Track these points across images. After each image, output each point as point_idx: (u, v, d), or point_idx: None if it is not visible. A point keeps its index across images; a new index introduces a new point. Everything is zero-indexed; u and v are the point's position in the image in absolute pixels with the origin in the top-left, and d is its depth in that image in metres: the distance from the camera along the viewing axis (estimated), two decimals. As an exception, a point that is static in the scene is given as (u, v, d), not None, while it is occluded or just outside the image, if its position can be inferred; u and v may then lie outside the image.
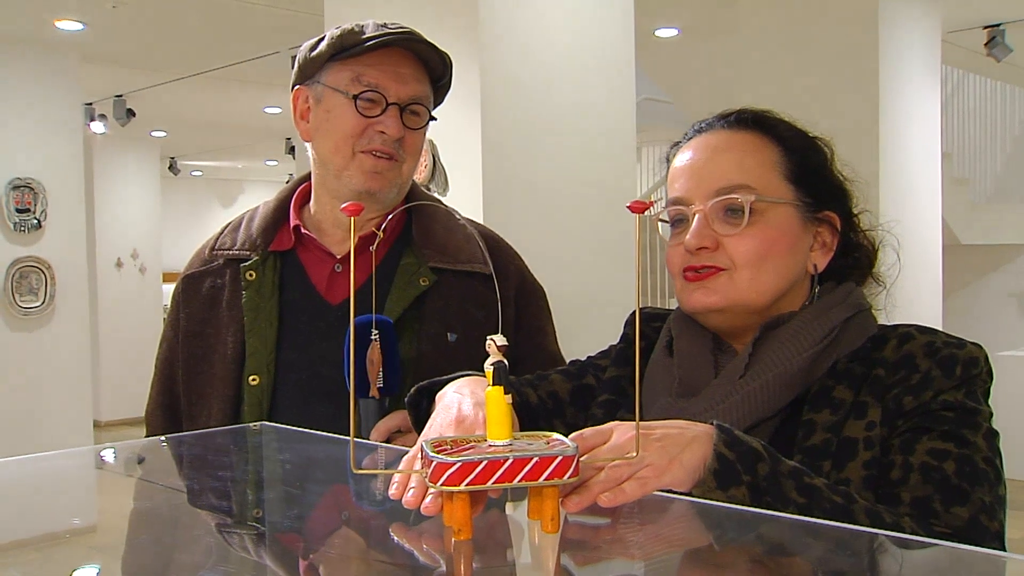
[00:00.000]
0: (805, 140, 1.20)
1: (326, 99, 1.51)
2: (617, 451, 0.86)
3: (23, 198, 5.89)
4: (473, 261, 1.56)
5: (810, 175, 1.17)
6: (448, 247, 1.57)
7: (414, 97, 1.50)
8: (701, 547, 0.87)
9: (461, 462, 0.74)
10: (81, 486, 1.13)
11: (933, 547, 0.84)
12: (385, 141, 1.48)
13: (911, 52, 4.95)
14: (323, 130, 1.51)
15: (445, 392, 1.11)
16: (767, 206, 1.13)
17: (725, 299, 1.13)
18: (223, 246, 1.61)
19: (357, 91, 1.47)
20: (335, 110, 1.49)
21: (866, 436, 1.04)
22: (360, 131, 1.48)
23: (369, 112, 1.47)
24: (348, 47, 1.48)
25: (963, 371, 1.06)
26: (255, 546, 0.85)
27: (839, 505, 0.93)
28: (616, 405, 1.23)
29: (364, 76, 1.47)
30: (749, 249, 1.12)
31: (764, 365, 1.10)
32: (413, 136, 1.51)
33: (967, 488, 0.99)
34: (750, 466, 0.91)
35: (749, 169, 1.14)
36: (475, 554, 0.76)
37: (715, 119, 1.21)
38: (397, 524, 0.88)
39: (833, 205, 1.19)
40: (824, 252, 1.18)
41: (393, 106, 1.48)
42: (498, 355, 0.79)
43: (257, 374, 1.48)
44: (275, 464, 1.16)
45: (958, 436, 1.02)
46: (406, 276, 1.53)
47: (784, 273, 1.14)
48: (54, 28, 5.73)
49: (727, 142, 1.17)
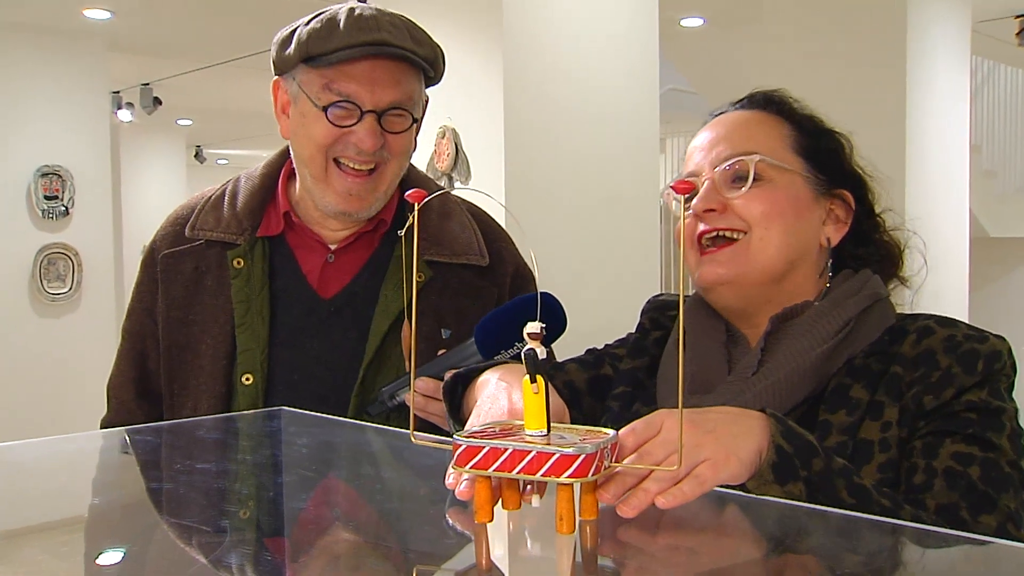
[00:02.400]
0: (817, 124, 1.20)
1: (300, 102, 1.42)
2: (667, 446, 0.81)
3: (51, 185, 5.95)
4: (469, 253, 1.49)
5: (821, 154, 1.16)
6: (443, 238, 1.49)
7: (393, 102, 1.39)
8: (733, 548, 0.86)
9: (466, 444, 0.74)
10: (105, 468, 1.14)
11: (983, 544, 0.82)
12: (360, 152, 1.39)
13: (940, 42, 4.89)
14: (299, 134, 1.43)
15: (488, 380, 1.08)
16: (774, 173, 1.13)
17: (735, 268, 1.11)
18: (204, 226, 1.50)
19: (327, 101, 1.37)
20: (308, 116, 1.40)
21: (882, 438, 1.02)
22: (332, 141, 1.39)
23: (342, 122, 1.38)
24: (315, 55, 1.37)
25: (985, 367, 1.03)
26: (273, 532, 0.86)
27: (887, 509, 0.90)
28: (632, 397, 1.21)
29: (335, 84, 1.37)
30: (756, 209, 1.11)
31: (777, 361, 1.08)
32: (396, 138, 1.41)
33: (993, 495, 0.97)
34: (807, 461, 0.88)
35: (756, 138, 1.15)
36: (484, 543, 0.76)
37: (730, 104, 1.23)
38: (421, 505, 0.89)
39: (847, 186, 1.18)
40: (838, 226, 1.16)
41: (369, 114, 1.37)
42: (532, 343, 0.75)
43: (251, 373, 1.42)
44: (296, 449, 1.17)
45: (982, 439, 0.99)
46: (400, 269, 1.46)
47: (794, 238, 1.12)
48: (82, 17, 5.77)
49: (738, 119, 1.19)
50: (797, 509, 0.85)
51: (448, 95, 3.73)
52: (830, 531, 0.83)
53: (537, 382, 0.75)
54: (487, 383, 1.07)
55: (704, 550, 0.80)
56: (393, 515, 0.90)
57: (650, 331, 1.29)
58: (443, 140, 3.70)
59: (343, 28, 1.37)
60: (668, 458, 0.80)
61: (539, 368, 0.75)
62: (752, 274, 1.12)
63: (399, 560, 0.78)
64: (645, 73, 3.95)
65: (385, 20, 1.39)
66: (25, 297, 5.91)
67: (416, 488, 0.99)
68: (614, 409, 1.21)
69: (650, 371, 1.23)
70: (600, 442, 0.75)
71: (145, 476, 1.07)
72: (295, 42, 1.39)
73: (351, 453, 1.18)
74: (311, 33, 1.38)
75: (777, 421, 0.89)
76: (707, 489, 0.81)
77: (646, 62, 3.95)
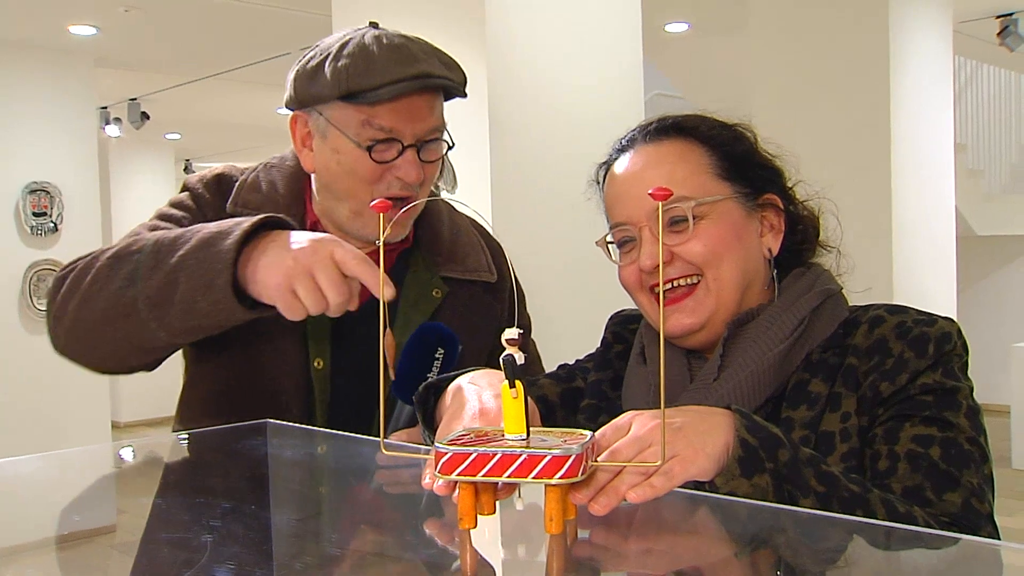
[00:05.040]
0: (728, 132, 1.19)
1: (332, 138, 1.37)
2: (638, 443, 0.84)
3: (39, 202, 5.95)
4: (480, 269, 1.49)
5: (740, 166, 1.17)
6: (456, 254, 1.49)
7: (431, 131, 1.38)
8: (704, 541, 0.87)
9: (452, 452, 0.75)
10: (100, 484, 1.14)
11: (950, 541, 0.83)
12: (404, 186, 1.36)
13: (922, 43, 4.92)
14: (333, 171, 1.38)
15: (460, 385, 1.09)
16: (708, 207, 1.13)
17: (702, 315, 1.12)
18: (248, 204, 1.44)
19: (369, 138, 1.34)
20: (345, 154, 1.36)
21: (842, 428, 1.04)
22: (377, 178, 1.36)
23: (384, 157, 1.35)
24: (356, 92, 1.33)
25: (936, 349, 1.05)
26: (258, 545, 0.86)
27: (856, 494, 0.92)
28: (597, 410, 1.23)
29: (376, 120, 1.33)
30: (702, 250, 1.12)
31: (736, 366, 1.09)
32: (431, 168, 1.40)
33: (955, 473, 0.99)
34: (772, 452, 0.90)
35: (682, 178, 1.14)
36: (468, 546, 0.76)
37: (637, 132, 1.21)
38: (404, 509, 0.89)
39: (770, 187, 1.18)
40: (775, 234, 1.18)
41: (410, 148, 1.35)
42: (510, 348, 0.76)
43: (320, 358, 1.40)
44: (281, 462, 1.18)
45: (940, 419, 1.02)
46: (417, 287, 1.45)
47: (742, 264, 1.13)
48: (68, 33, 5.78)
49: (655, 156, 1.17)
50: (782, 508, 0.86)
51: (434, 105, 3.75)
52: (802, 529, 0.84)
53: (516, 387, 0.76)
54: (457, 389, 1.08)
55: (681, 550, 0.81)
56: (376, 524, 0.91)
57: (612, 345, 1.30)
58: (430, 149, 3.71)
59: (381, 62, 1.33)
60: (641, 454, 0.83)
61: (517, 373, 0.76)
62: (717, 314, 1.13)
63: (387, 570, 0.78)
64: (630, 78, 3.97)
65: (417, 48, 1.38)
66: (15, 314, 5.90)
67: (399, 497, 0.99)
68: (580, 422, 1.22)
69: (614, 384, 1.25)
70: (584, 442, 0.77)
71: (133, 491, 1.07)
72: (330, 78, 1.34)
73: (333, 464, 1.18)
74: (348, 69, 1.33)
75: (742, 416, 0.91)
76: (676, 484, 0.83)
77: (631, 67, 3.97)
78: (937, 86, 5.05)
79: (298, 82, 1.39)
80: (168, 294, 1.24)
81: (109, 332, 1.29)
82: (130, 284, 1.27)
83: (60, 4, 5.30)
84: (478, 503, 0.77)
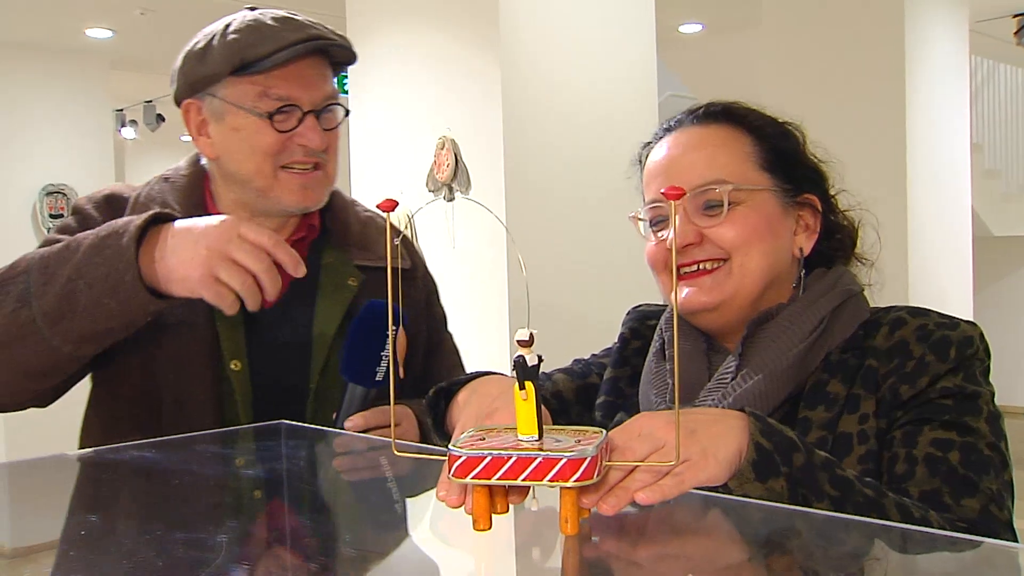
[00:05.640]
0: (776, 127, 1.19)
1: (230, 117, 1.38)
2: (651, 442, 0.83)
3: (56, 204, 5.99)
4: (394, 256, 1.50)
5: (784, 161, 1.16)
6: (367, 243, 1.51)
7: (328, 98, 1.41)
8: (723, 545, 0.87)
9: (466, 455, 0.75)
10: (105, 484, 1.15)
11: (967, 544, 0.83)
12: (307, 153, 1.39)
13: (938, 42, 4.89)
14: (236, 150, 1.39)
15: (473, 389, 1.09)
16: (745, 194, 1.12)
17: (719, 295, 1.12)
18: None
19: (269, 108, 1.36)
20: (246, 129, 1.37)
21: (860, 430, 1.03)
22: (280, 147, 1.38)
23: (285, 126, 1.37)
24: (250, 62, 1.35)
25: (958, 353, 1.04)
26: (272, 546, 0.86)
27: (871, 499, 0.91)
28: (614, 407, 1.23)
29: (273, 90, 1.36)
30: (734, 236, 1.11)
31: (755, 365, 1.08)
32: (333, 136, 1.43)
33: (974, 478, 0.98)
34: (787, 456, 0.88)
35: (723, 163, 1.14)
36: (484, 548, 0.76)
37: (685, 115, 1.21)
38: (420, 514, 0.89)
39: (811, 188, 1.18)
40: (808, 235, 1.17)
41: (309, 114, 1.38)
42: (522, 350, 0.76)
43: (237, 359, 1.38)
44: (295, 463, 1.18)
45: (960, 424, 1.01)
46: (332, 277, 1.46)
47: (771, 257, 1.13)
48: (84, 36, 5.82)
49: (699, 138, 1.17)
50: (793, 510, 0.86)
51: (447, 105, 3.75)
52: (816, 532, 0.84)
53: (527, 388, 0.76)
54: (470, 393, 1.08)
55: (694, 553, 0.81)
56: (386, 525, 0.91)
57: (630, 341, 1.29)
58: (442, 151, 3.72)
59: (271, 30, 1.36)
60: (653, 454, 0.81)
61: (528, 375, 0.76)
62: (735, 300, 1.12)
63: (394, 571, 0.78)
64: (643, 80, 3.97)
65: (303, 17, 1.41)
66: (32, 315, 5.94)
67: (410, 498, 1.00)
68: (597, 419, 1.22)
69: (631, 381, 1.24)
70: (598, 443, 0.76)
71: (145, 491, 1.08)
72: (221, 54, 1.37)
73: (345, 465, 1.18)
74: (239, 41, 1.36)
75: (757, 419, 0.90)
76: (686, 488, 0.82)
77: (644, 69, 3.97)
78: (953, 86, 5.03)
79: (187, 66, 1.41)
80: (69, 304, 1.23)
81: (4, 358, 1.27)
82: (23, 305, 1.25)
83: (77, 7, 5.34)
84: (492, 504, 0.76)
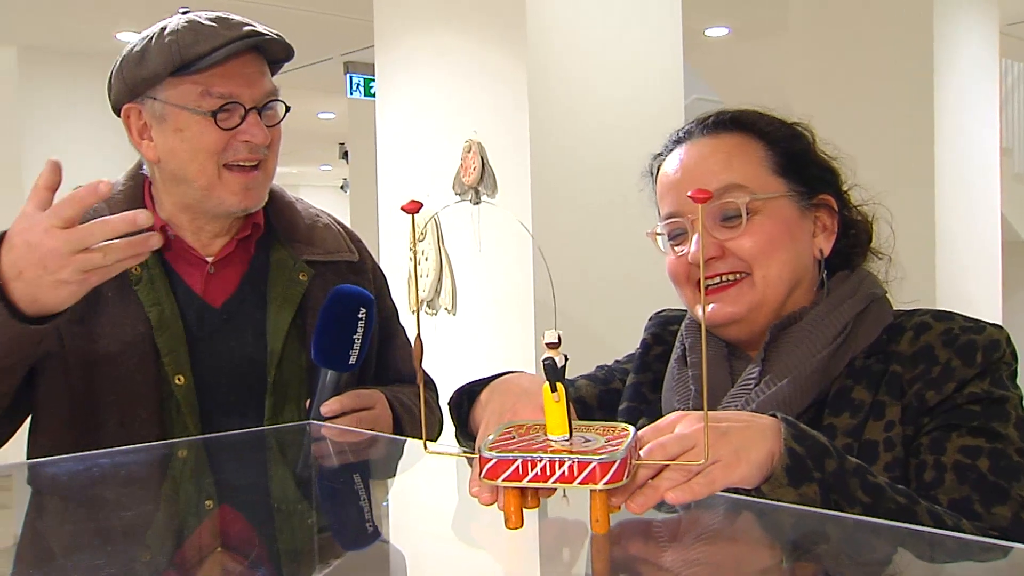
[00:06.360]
0: (786, 130, 1.18)
1: (172, 118, 1.40)
2: (682, 442, 0.82)
3: (86, 206, 6.06)
4: (340, 250, 1.54)
5: (797, 164, 1.16)
6: (315, 238, 1.53)
7: (268, 94, 1.43)
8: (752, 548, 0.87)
9: (497, 458, 0.75)
10: (136, 482, 1.16)
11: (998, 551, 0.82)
12: (252, 149, 1.41)
13: (967, 46, 4.85)
14: (179, 150, 1.41)
15: (496, 389, 1.09)
16: (762, 203, 1.12)
17: (744, 307, 1.11)
18: None
19: (213, 106, 1.37)
20: (189, 129, 1.39)
21: (886, 437, 1.03)
22: (223, 146, 1.39)
23: (229, 124, 1.39)
24: (190, 61, 1.36)
25: (984, 357, 1.03)
26: (301, 547, 0.87)
27: (903, 506, 0.90)
28: (637, 412, 1.23)
29: (214, 88, 1.37)
30: (754, 246, 1.11)
31: (778, 371, 1.08)
32: (275, 132, 1.45)
33: (1004, 485, 0.97)
34: (820, 462, 0.88)
35: (738, 171, 1.13)
36: (511, 550, 0.77)
37: (695, 125, 1.20)
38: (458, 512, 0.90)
39: (825, 187, 1.17)
40: (827, 235, 1.17)
41: (252, 111, 1.40)
42: (551, 352, 0.76)
43: (181, 374, 1.39)
44: (322, 462, 1.19)
45: (988, 430, 1.00)
46: (283, 273, 1.47)
47: (793, 263, 1.13)
48: (114, 40, 5.89)
49: (711, 148, 1.16)
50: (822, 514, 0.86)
51: (474, 109, 3.76)
52: (848, 536, 0.84)
53: (558, 390, 0.76)
54: (492, 393, 1.08)
55: (722, 557, 0.81)
56: (412, 526, 0.92)
57: (652, 346, 1.29)
58: (469, 154, 3.73)
59: (208, 29, 1.38)
60: (684, 453, 0.81)
61: (558, 376, 0.76)
62: (760, 310, 1.12)
63: (420, 570, 0.79)
64: (670, 83, 3.96)
65: (238, 16, 1.42)
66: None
67: (437, 497, 1.00)
68: None
69: (654, 386, 1.24)
70: (628, 442, 0.77)
71: (178, 490, 1.09)
72: (159, 56, 1.37)
73: (373, 465, 1.19)
74: (177, 42, 1.37)
75: (788, 425, 0.89)
76: (717, 489, 0.81)
77: (671, 72, 3.96)
78: (983, 89, 4.98)
79: (125, 70, 1.42)
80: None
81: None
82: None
83: (108, 12, 5.40)
84: (524, 500, 0.77)
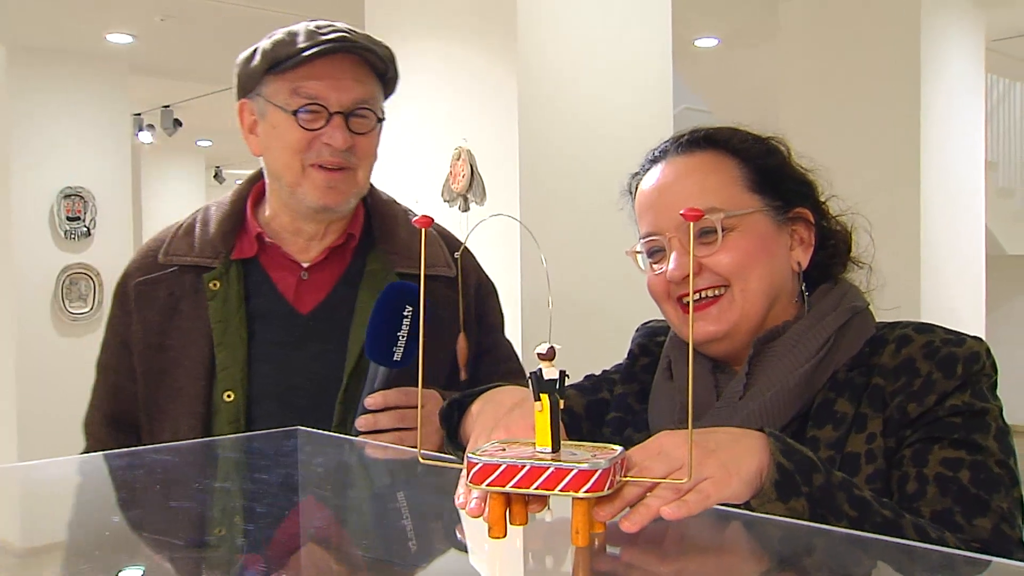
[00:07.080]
0: (760, 146, 1.19)
1: (269, 114, 1.47)
2: (669, 461, 0.83)
3: (73, 206, 6.03)
4: (437, 264, 1.54)
5: (772, 179, 1.17)
6: (413, 250, 1.53)
7: (358, 101, 1.45)
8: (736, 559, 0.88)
9: (483, 463, 0.76)
10: (123, 488, 1.16)
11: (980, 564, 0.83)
12: (333, 152, 1.44)
13: (954, 60, 4.89)
14: (271, 146, 1.48)
15: (486, 401, 1.11)
16: (738, 219, 1.13)
17: (726, 325, 1.12)
18: (178, 251, 1.53)
19: (296, 105, 1.43)
20: (280, 126, 1.45)
21: (867, 450, 1.04)
22: (306, 145, 1.44)
23: (312, 125, 1.43)
24: (281, 60, 1.44)
25: (964, 370, 1.04)
26: (287, 552, 0.88)
27: (889, 519, 0.92)
28: (624, 423, 1.23)
29: (302, 88, 1.43)
30: (731, 262, 1.12)
31: (762, 384, 1.09)
32: (364, 141, 1.47)
33: (985, 497, 0.98)
34: (808, 477, 0.89)
35: (712, 190, 1.14)
36: (494, 559, 0.77)
37: (669, 144, 1.22)
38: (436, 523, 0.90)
39: (801, 201, 1.18)
40: (804, 248, 1.18)
41: (337, 115, 1.43)
42: (541, 362, 0.78)
43: (231, 390, 1.43)
44: (311, 469, 1.19)
45: (969, 442, 1.01)
46: (373, 283, 1.49)
47: (770, 277, 1.14)
48: (104, 41, 5.87)
49: (686, 168, 1.18)
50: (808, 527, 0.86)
51: (463, 116, 3.77)
52: (834, 549, 0.85)
53: (542, 401, 0.77)
54: (483, 405, 1.10)
55: (710, 569, 0.82)
56: (403, 534, 0.92)
57: (639, 357, 1.30)
58: (458, 161, 3.73)
59: (305, 33, 1.46)
60: (672, 472, 0.82)
61: (544, 387, 0.77)
62: (741, 325, 1.13)
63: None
64: (659, 93, 3.98)
65: (342, 25, 1.48)
66: (47, 317, 5.98)
67: (425, 506, 1.01)
68: (607, 435, 1.23)
69: (640, 397, 1.25)
70: (613, 457, 0.78)
71: (162, 496, 1.09)
72: (259, 55, 1.47)
73: (363, 472, 1.20)
74: (274, 43, 1.46)
75: (776, 439, 0.90)
76: (710, 504, 0.82)
77: (660, 82, 3.98)
78: (969, 103, 5.02)
79: (239, 68, 1.52)
80: None
81: None
82: None
83: (98, 13, 5.39)
84: (510, 514, 0.78)
